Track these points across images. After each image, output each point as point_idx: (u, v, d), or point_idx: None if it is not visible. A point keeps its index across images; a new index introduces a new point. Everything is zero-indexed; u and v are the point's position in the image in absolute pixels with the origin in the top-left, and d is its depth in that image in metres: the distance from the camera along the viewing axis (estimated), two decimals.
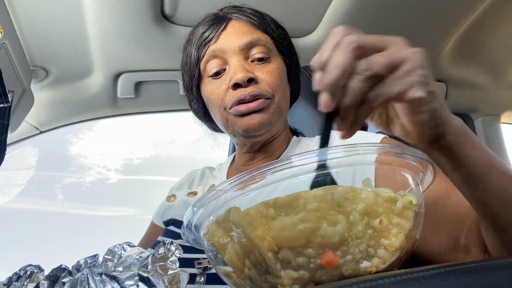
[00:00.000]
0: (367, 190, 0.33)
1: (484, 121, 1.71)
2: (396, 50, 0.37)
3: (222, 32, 0.72)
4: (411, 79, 0.35)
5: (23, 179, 1.73)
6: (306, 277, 0.32)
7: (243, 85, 0.68)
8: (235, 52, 0.71)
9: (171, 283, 0.38)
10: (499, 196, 0.42)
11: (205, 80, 0.75)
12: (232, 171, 0.84)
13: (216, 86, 0.72)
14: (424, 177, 0.40)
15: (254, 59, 0.72)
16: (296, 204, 0.32)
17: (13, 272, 0.39)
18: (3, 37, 0.86)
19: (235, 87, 0.69)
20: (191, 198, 0.79)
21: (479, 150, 0.42)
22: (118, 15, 0.99)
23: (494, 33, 1.30)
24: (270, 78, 0.71)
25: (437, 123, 0.38)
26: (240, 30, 0.72)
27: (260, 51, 0.72)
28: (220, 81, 0.72)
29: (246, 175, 0.34)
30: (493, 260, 0.28)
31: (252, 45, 0.71)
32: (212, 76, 0.72)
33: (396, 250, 0.33)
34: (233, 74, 0.69)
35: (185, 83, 0.80)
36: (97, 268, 0.38)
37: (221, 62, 0.72)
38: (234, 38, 0.71)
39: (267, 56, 0.72)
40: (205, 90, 0.74)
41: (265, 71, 0.71)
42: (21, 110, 1.02)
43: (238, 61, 0.70)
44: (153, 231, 0.87)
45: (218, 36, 0.72)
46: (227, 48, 0.71)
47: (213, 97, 0.72)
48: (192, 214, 0.39)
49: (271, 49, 0.74)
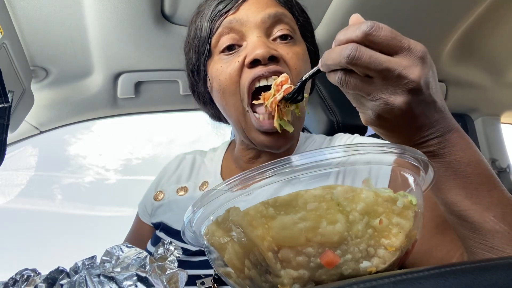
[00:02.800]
0: (367, 189, 0.33)
1: (484, 121, 1.71)
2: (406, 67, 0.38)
3: (243, 2, 0.62)
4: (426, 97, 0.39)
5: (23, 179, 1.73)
6: (306, 276, 0.32)
7: (263, 62, 0.58)
8: (256, 25, 0.61)
9: (170, 282, 0.38)
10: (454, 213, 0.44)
11: (214, 58, 0.64)
12: (230, 163, 0.77)
13: (228, 64, 0.61)
14: (425, 177, 0.40)
15: (277, 37, 0.62)
16: (295, 203, 0.32)
17: (9, 277, 0.39)
18: (3, 37, 0.86)
19: (252, 65, 0.59)
20: (181, 197, 0.74)
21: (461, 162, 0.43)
22: (118, 15, 0.99)
23: (494, 33, 1.29)
24: (296, 62, 0.61)
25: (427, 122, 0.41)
26: (263, 1, 0.63)
27: (285, 28, 0.62)
28: (233, 57, 0.61)
29: (246, 174, 0.34)
30: (493, 260, 0.28)
31: (276, 20, 0.62)
32: (224, 52, 0.62)
33: (396, 250, 0.33)
34: (251, 50, 0.59)
35: (190, 62, 0.69)
36: (95, 269, 0.37)
37: (238, 37, 0.62)
38: (257, 9, 0.61)
39: (292, 36, 0.63)
40: (214, 69, 0.64)
41: (291, 51, 0.61)
42: (21, 110, 1.02)
43: (258, 37, 0.60)
44: (140, 229, 0.81)
45: (238, 7, 0.62)
46: (246, 20, 0.61)
47: (222, 78, 0.62)
48: (192, 214, 0.38)
49: (296, 31, 0.65)
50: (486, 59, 1.44)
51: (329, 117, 1.07)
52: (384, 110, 0.39)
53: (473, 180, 0.43)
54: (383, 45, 0.38)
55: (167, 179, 0.81)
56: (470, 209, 0.43)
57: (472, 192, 0.43)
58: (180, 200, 0.74)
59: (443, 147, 0.42)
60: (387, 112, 0.40)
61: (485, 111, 1.70)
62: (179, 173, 0.81)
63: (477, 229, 0.43)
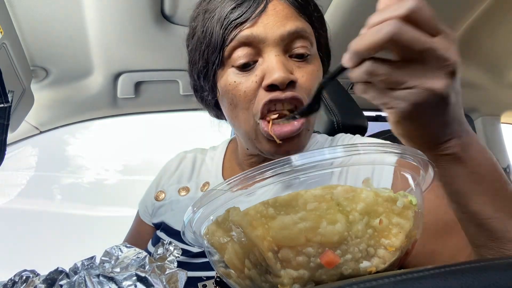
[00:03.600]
0: (367, 189, 0.33)
1: (484, 121, 1.71)
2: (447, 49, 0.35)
3: (261, 14, 0.57)
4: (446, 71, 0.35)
5: (23, 179, 1.73)
6: (306, 277, 0.32)
7: (281, 88, 0.56)
8: (275, 43, 0.57)
9: (169, 282, 0.38)
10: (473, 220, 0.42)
11: (226, 70, 0.61)
12: (231, 163, 0.76)
13: (243, 80, 0.59)
14: (425, 177, 0.40)
15: (293, 54, 0.59)
16: (295, 203, 0.32)
17: (8, 279, 0.39)
18: (3, 37, 0.86)
19: (270, 88, 0.57)
20: (183, 197, 0.73)
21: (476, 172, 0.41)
22: (118, 15, 0.99)
23: (494, 33, 1.30)
24: (310, 83, 0.59)
25: None
26: (283, 13, 0.58)
27: (303, 45, 0.59)
28: (249, 75, 0.59)
29: (246, 174, 0.34)
30: (493, 260, 0.28)
31: (296, 36, 0.58)
32: (239, 68, 0.59)
33: (396, 250, 0.33)
34: (269, 72, 0.56)
35: (197, 66, 0.65)
36: (94, 269, 0.37)
37: (254, 52, 0.58)
38: (276, 23, 0.57)
39: (309, 53, 0.60)
40: (227, 82, 0.60)
41: (306, 72, 0.59)
42: (21, 110, 1.02)
43: (277, 56, 0.57)
44: (141, 228, 0.81)
45: (256, 19, 0.57)
46: (264, 37, 0.57)
47: (237, 94, 0.59)
48: (192, 214, 0.38)
49: (313, 44, 0.62)
50: (486, 59, 1.44)
51: (329, 117, 1.07)
52: (422, 98, 0.35)
53: (494, 186, 0.41)
54: (425, 26, 0.34)
55: (167, 179, 0.80)
56: (493, 217, 0.41)
57: (495, 198, 0.41)
58: (182, 200, 0.73)
59: (465, 149, 0.40)
60: (425, 100, 0.35)
61: (485, 111, 1.71)
62: (180, 173, 0.80)
63: (498, 237, 0.41)
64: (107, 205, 4.74)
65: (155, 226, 0.77)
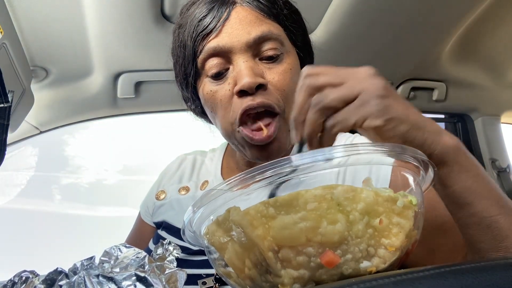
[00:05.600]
0: (367, 189, 0.33)
1: (484, 121, 1.71)
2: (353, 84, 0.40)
3: (224, 22, 0.59)
4: (366, 110, 0.39)
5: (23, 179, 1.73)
6: (306, 276, 0.32)
7: (250, 92, 0.58)
8: (241, 50, 0.59)
9: (169, 282, 0.38)
10: (484, 223, 0.42)
11: (203, 80, 0.63)
12: (229, 163, 0.78)
13: (218, 88, 0.61)
14: (425, 177, 0.40)
15: (264, 57, 0.60)
16: (296, 203, 0.32)
17: (8, 279, 0.39)
18: (3, 37, 0.86)
19: (241, 94, 0.59)
20: (183, 196, 0.74)
21: (469, 174, 0.42)
22: (118, 15, 0.99)
23: (494, 33, 1.30)
24: (282, 83, 0.60)
25: (414, 144, 0.40)
26: (247, 20, 0.59)
27: (272, 47, 0.60)
28: (223, 83, 0.61)
29: (246, 174, 0.34)
30: (493, 260, 0.28)
31: (263, 40, 0.59)
32: (213, 77, 0.61)
33: (397, 249, 0.33)
34: (238, 78, 0.58)
35: (178, 78, 0.68)
36: (94, 270, 0.37)
37: (224, 61, 0.60)
38: (240, 31, 0.59)
39: (279, 52, 0.61)
40: (205, 91, 0.63)
41: (277, 73, 0.60)
42: (21, 110, 1.02)
43: (245, 62, 0.58)
44: (142, 229, 0.82)
45: (220, 29, 0.59)
46: (231, 46, 0.59)
47: (214, 102, 0.62)
48: (192, 214, 0.38)
49: (284, 43, 0.62)
50: (486, 59, 1.44)
51: None
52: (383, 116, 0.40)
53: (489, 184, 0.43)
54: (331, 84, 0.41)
55: (168, 179, 0.81)
56: (500, 213, 0.42)
57: (499, 196, 0.43)
58: (182, 199, 0.74)
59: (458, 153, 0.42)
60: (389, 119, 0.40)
61: (485, 111, 1.70)
62: (180, 173, 0.81)
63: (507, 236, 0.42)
64: (107, 205, 4.73)
65: (156, 226, 0.77)
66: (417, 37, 1.24)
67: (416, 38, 1.24)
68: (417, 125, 0.40)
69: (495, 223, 0.42)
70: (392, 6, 1.09)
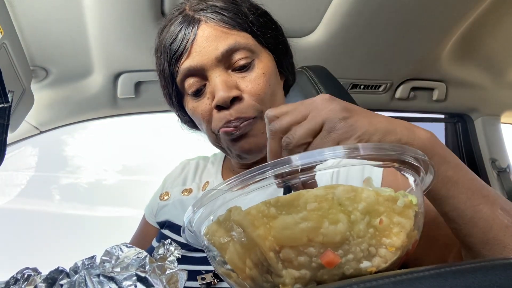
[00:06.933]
0: (368, 189, 0.33)
1: (484, 121, 1.71)
2: (315, 115, 0.41)
3: (192, 43, 0.61)
4: (335, 136, 0.40)
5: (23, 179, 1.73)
6: (307, 276, 0.32)
7: (226, 106, 0.61)
8: (213, 66, 0.61)
9: (169, 282, 0.38)
10: (468, 214, 0.43)
11: (186, 97, 0.67)
12: (230, 165, 0.80)
13: (199, 104, 0.64)
14: (425, 177, 0.40)
15: (236, 68, 0.62)
16: (297, 203, 0.32)
17: (11, 276, 0.39)
18: (3, 37, 0.86)
19: (218, 109, 0.62)
20: (186, 197, 0.77)
21: (450, 165, 0.43)
22: (118, 15, 0.99)
23: (494, 33, 1.30)
24: (256, 89, 0.62)
25: None
26: (212, 36, 0.61)
27: (241, 57, 0.62)
28: (202, 99, 0.64)
29: (246, 174, 0.34)
30: (493, 260, 0.28)
31: (231, 52, 0.61)
32: (193, 95, 0.65)
33: (397, 249, 0.33)
34: (215, 93, 0.61)
35: (166, 98, 0.72)
36: (95, 269, 0.38)
37: (199, 78, 0.63)
38: (208, 48, 0.61)
39: (250, 60, 0.63)
40: (189, 107, 0.67)
41: (250, 81, 0.62)
42: (21, 110, 1.02)
43: (218, 77, 0.61)
44: (146, 230, 0.84)
45: (189, 50, 0.61)
46: (202, 64, 0.61)
47: (198, 117, 0.66)
48: (192, 214, 0.38)
49: (254, 49, 0.63)
50: (486, 59, 1.44)
51: None
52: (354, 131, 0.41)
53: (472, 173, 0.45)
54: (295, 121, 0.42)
55: (172, 181, 0.85)
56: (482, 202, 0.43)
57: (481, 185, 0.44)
58: (185, 200, 0.76)
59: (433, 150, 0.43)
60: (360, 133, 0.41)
61: (485, 111, 1.71)
62: (184, 176, 0.84)
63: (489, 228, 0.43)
64: (107, 205, 4.74)
65: (159, 225, 0.79)
66: (417, 37, 1.24)
67: (416, 38, 1.25)
68: (387, 131, 0.41)
69: (478, 212, 0.43)
70: (392, 7, 1.09)
